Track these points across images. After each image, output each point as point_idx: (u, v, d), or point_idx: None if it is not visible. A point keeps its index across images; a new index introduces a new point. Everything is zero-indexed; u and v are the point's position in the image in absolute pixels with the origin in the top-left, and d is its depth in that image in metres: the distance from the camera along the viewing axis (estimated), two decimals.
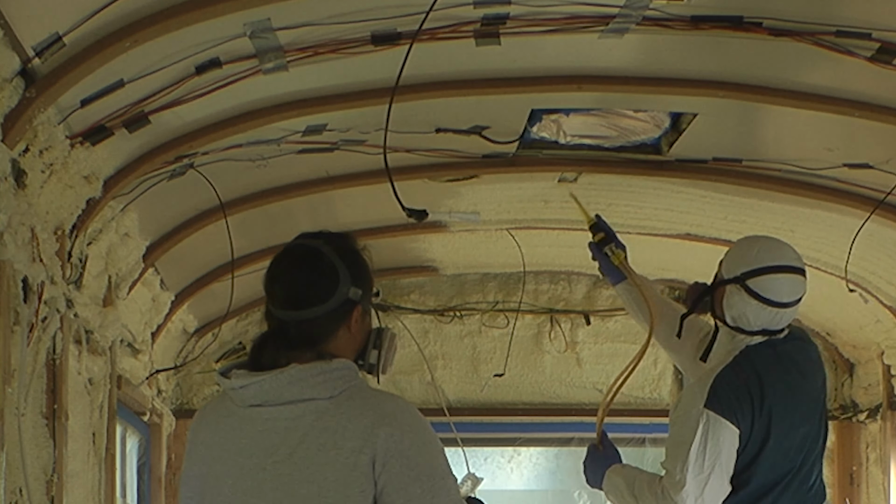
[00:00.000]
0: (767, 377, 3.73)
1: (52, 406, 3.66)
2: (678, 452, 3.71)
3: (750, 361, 3.75)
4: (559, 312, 6.53)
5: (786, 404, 3.73)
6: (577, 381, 6.53)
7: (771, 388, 3.71)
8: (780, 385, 3.74)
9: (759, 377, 3.72)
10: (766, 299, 3.71)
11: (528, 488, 7.05)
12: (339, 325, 2.74)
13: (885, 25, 3.38)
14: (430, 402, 6.43)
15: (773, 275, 3.71)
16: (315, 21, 3.32)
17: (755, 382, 3.71)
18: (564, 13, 3.40)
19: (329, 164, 4.54)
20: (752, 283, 3.72)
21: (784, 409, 3.72)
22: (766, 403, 3.69)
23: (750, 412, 3.68)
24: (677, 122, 4.36)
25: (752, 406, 3.68)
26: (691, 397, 3.75)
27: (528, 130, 4.40)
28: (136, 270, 4.57)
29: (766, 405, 3.69)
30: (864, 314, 5.79)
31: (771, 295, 3.71)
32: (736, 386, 3.70)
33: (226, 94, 3.59)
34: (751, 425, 3.68)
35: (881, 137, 4.10)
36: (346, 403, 2.65)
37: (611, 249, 4.19)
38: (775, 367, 3.76)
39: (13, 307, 3.26)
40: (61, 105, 3.27)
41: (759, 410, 3.68)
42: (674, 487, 3.71)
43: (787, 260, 3.76)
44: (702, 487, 3.69)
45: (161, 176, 4.11)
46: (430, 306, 6.52)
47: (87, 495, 4.16)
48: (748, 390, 3.69)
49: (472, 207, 5.17)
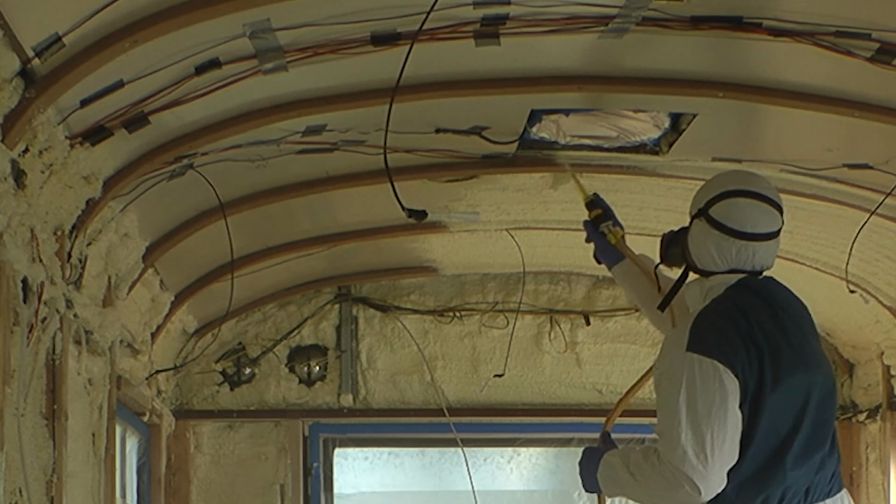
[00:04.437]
0: (753, 313, 3.31)
1: (52, 406, 3.66)
2: (667, 410, 3.28)
3: (730, 299, 3.35)
4: (559, 313, 6.52)
5: (780, 345, 3.30)
6: (577, 381, 6.53)
7: (759, 325, 3.29)
8: (770, 324, 3.32)
9: (744, 313, 3.30)
10: (727, 228, 3.36)
11: (528, 489, 7.05)
12: None
13: (885, 25, 3.38)
14: (430, 403, 6.44)
15: (734, 199, 3.38)
16: (315, 21, 3.32)
17: (741, 318, 3.30)
18: (564, 13, 3.40)
19: (329, 164, 4.54)
20: (713, 212, 3.40)
21: (780, 352, 3.29)
22: (758, 341, 3.27)
23: (744, 351, 3.25)
24: (677, 123, 4.36)
25: (744, 344, 3.26)
26: (671, 345, 3.36)
27: (527, 131, 4.40)
28: (136, 271, 4.57)
29: (758, 343, 3.27)
30: (864, 314, 5.79)
31: (732, 222, 3.36)
32: (720, 324, 3.29)
33: (225, 95, 3.59)
34: (746, 366, 3.25)
35: (881, 137, 4.10)
36: None
37: (608, 228, 3.91)
38: (760, 304, 3.34)
39: (13, 307, 3.26)
40: (61, 105, 3.27)
41: (752, 348, 3.26)
42: (671, 450, 3.24)
43: (753, 186, 3.40)
44: (703, 442, 3.21)
45: (161, 176, 4.11)
46: (430, 307, 6.51)
47: (87, 496, 4.16)
48: (735, 327, 3.28)
49: (471, 208, 5.17)
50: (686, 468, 3.23)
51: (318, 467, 6.35)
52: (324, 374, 6.41)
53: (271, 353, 6.35)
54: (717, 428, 3.21)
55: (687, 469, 3.23)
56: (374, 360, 6.45)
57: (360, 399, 6.43)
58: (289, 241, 5.41)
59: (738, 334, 3.27)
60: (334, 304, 6.44)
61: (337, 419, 6.40)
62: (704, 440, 3.21)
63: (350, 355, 6.41)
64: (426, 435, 6.62)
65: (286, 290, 6.22)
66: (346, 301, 6.44)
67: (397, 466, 7.10)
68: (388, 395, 6.45)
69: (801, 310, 3.50)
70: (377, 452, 6.96)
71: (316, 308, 6.42)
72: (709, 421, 3.20)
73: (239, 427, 6.31)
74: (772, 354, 3.28)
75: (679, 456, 3.23)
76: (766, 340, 3.29)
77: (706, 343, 3.25)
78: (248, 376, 6.32)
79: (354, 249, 5.73)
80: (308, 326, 6.40)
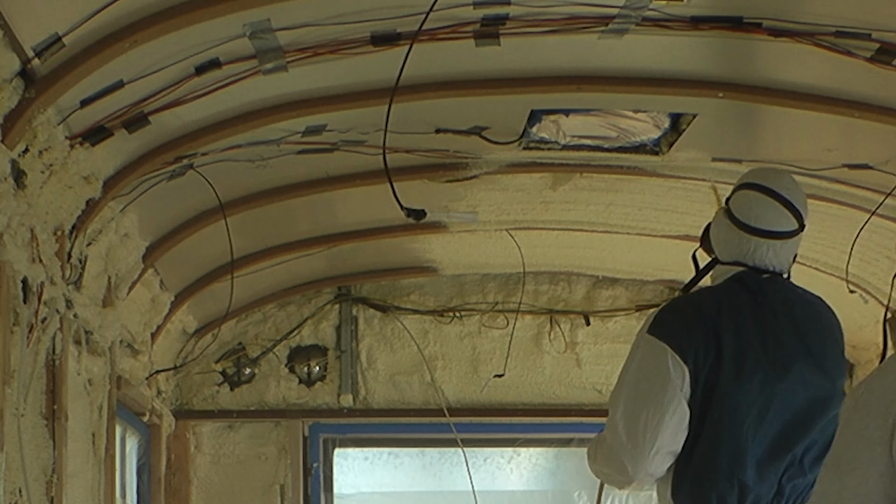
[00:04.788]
0: (731, 306, 3.25)
1: (52, 406, 3.66)
2: (616, 387, 3.27)
3: (714, 289, 3.33)
4: (559, 313, 6.52)
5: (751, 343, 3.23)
6: (577, 381, 6.53)
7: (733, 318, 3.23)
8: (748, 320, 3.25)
9: (717, 304, 3.26)
10: (734, 218, 3.36)
11: (528, 489, 7.04)
12: None
13: (885, 26, 3.38)
14: (429, 403, 6.43)
15: (747, 191, 3.37)
16: (315, 21, 3.32)
17: (710, 309, 3.24)
18: (564, 14, 3.40)
19: (329, 164, 4.54)
20: (731, 201, 3.41)
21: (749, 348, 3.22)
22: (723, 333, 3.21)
23: (700, 339, 3.19)
24: (677, 123, 4.36)
25: (704, 333, 3.20)
26: (640, 329, 3.32)
27: (527, 131, 4.40)
28: (136, 271, 4.57)
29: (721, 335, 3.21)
30: (864, 314, 5.78)
31: (740, 214, 3.36)
32: (684, 311, 3.27)
33: (225, 95, 3.59)
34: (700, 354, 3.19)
35: (881, 137, 4.10)
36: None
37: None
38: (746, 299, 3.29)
39: (13, 308, 3.26)
40: (61, 106, 3.27)
41: (712, 338, 3.20)
42: (608, 426, 3.22)
43: (771, 183, 3.37)
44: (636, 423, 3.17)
45: (161, 176, 4.11)
46: (430, 307, 6.51)
47: (87, 496, 4.16)
48: (699, 315, 3.23)
49: (471, 208, 5.17)
50: (616, 445, 3.22)
51: (318, 467, 6.35)
52: (324, 374, 6.41)
53: (271, 354, 6.35)
54: (652, 410, 3.17)
55: (617, 446, 3.22)
56: (374, 360, 6.45)
57: (360, 399, 6.43)
58: (289, 241, 5.41)
59: (701, 322, 3.22)
60: (334, 304, 6.44)
61: (337, 419, 6.40)
62: (638, 420, 3.18)
63: (350, 355, 6.41)
64: (426, 435, 6.62)
65: (286, 290, 6.22)
66: (346, 301, 6.44)
67: (397, 466, 7.09)
68: (388, 395, 6.45)
69: (808, 318, 3.41)
70: (377, 452, 6.95)
71: (316, 308, 6.41)
72: (646, 402, 3.17)
73: (239, 427, 6.31)
74: (736, 349, 3.22)
75: (612, 432, 3.22)
76: (735, 334, 3.23)
77: (663, 327, 3.23)
78: (248, 376, 6.32)
79: (354, 249, 5.73)
80: (308, 326, 6.40)
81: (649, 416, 3.17)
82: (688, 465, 3.24)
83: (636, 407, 3.19)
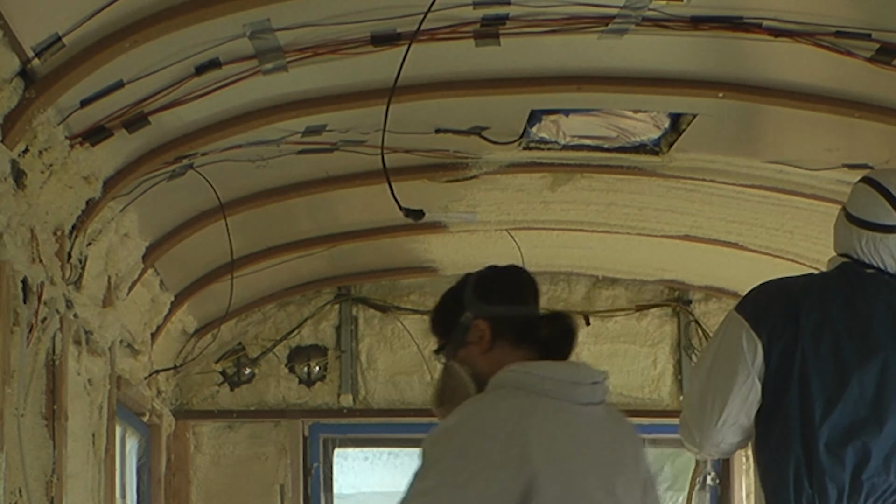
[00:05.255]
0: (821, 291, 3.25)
1: (52, 407, 3.65)
2: (698, 360, 3.36)
3: (808, 276, 3.37)
4: None
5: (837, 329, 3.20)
6: None
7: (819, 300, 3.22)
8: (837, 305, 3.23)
9: (808, 288, 3.26)
10: (848, 213, 3.35)
11: None
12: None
13: (885, 26, 3.38)
14: (429, 403, 6.43)
15: (860, 184, 3.34)
16: (315, 21, 3.32)
17: (798, 292, 3.24)
18: (564, 14, 3.40)
19: (329, 164, 4.54)
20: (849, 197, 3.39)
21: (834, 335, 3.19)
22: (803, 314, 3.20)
23: (779, 315, 3.20)
24: (677, 123, 4.36)
25: (785, 309, 3.21)
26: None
27: (527, 131, 4.40)
28: (136, 271, 4.57)
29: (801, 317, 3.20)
30: None
31: (852, 207, 3.34)
32: (769, 291, 3.28)
33: (225, 95, 3.59)
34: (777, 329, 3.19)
35: (881, 137, 4.10)
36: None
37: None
38: (840, 286, 3.27)
39: (13, 308, 3.26)
40: (61, 105, 3.27)
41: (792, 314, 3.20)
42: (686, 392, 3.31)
43: (882, 178, 3.32)
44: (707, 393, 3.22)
45: (161, 176, 4.11)
46: (430, 307, 6.48)
47: (87, 496, 4.15)
48: (785, 293, 3.24)
49: (471, 208, 5.17)
50: (688, 415, 3.30)
51: (317, 467, 6.35)
52: (324, 374, 6.41)
53: (271, 354, 6.35)
54: (722, 380, 3.21)
55: (688, 416, 3.30)
56: (374, 360, 6.45)
57: (360, 399, 6.43)
58: (289, 241, 5.41)
59: (782, 299, 3.23)
60: (334, 304, 6.44)
61: (337, 419, 6.40)
62: (708, 390, 3.23)
63: (350, 355, 6.41)
64: (426, 435, 6.61)
65: (286, 291, 6.21)
66: (346, 301, 6.44)
67: (397, 466, 7.10)
68: (388, 395, 6.45)
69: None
70: (377, 452, 6.95)
71: (316, 308, 6.41)
72: (718, 373, 3.22)
73: (239, 427, 6.31)
74: (817, 329, 3.20)
75: (686, 401, 3.31)
76: (818, 314, 3.21)
77: (747, 301, 3.28)
78: (248, 376, 6.32)
79: (354, 249, 5.73)
80: (308, 327, 6.40)
81: (718, 387, 3.22)
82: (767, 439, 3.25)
83: (709, 378, 3.24)
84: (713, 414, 3.24)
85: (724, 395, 3.22)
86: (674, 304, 6.56)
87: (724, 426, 3.26)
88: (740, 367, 3.21)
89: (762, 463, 3.28)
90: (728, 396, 3.22)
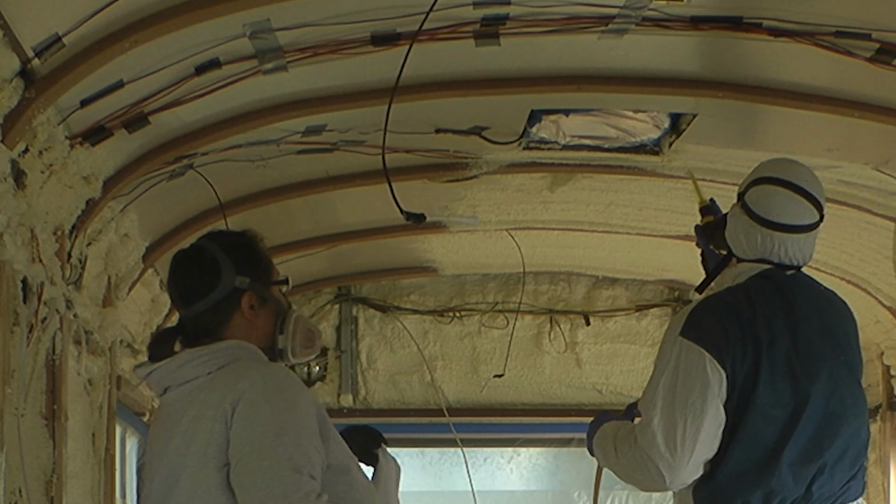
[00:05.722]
0: (763, 306, 3.16)
1: (52, 406, 3.65)
2: (649, 391, 3.16)
3: (743, 288, 3.22)
4: (559, 313, 6.53)
5: (784, 344, 3.15)
6: (577, 381, 6.53)
7: (766, 319, 3.14)
8: (780, 320, 3.17)
9: (752, 304, 3.17)
10: (755, 215, 3.24)
11: (528, 489, 7.04)
12: (230, 313, 2.96)
13: (885, 26, 3.38)
14: (429, 403, 6.44)
15: (765, 186, 3.25)
16: (315, 21, 3.32)
17: (746, 310, 3.15)
18: (564, 14, 3.40)
19: (329, 164, 4.54)
20: (747, 197, 3.27)
21: (781, 350, 3.14)
22: (759, 335, 3.12)
23: (738, 343, 3.11)
24: (677, 123, 4.36)
25: (741, 336, 3.11)
26: (671, 326, 3.23)
27: (527, 131, 4.40)
28: (136, 271, 4.57)
29: (758, 337, 3.12)
30: (864, 315, 5.78)
31: (760, 210, 3.24)
32: (720, 312, 3.15)
33: (225, 95, 3.59)
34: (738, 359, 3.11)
35: (881, 137, 4.10)
36: (218, 377, 2.84)
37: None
38: (776, 299, 3.19)
39: (13, 307, 3.26)
40: (61, 105, 3.27)
41: (749, 342, 3.12)
42: (642, 432, 3.13)
43: (790, 175, 3.26)
44: (674, 430, 3.08)
45: (161, 176, 4.11)
46: (430, 307, 6.52)
47: (87, 496, 4.15)
48: (736, 317, 3.14)
49: (471, 208, 5.17)
50: (653, 453, 3.14)
51: None
52: (324, 374, 6.41)
53: None
54: (690, 418, 3.09)
55: (654, 454, 3.14)
56: (374, 360, 6.45)
57: (360, 399, 6.43)
58: (289, 241, 5.41)
59: (738, 325, 3.14)
60: (334, 304, 6.44)
61: (337, 419, 6.36)
62: (676, 428, 3.10)
63: (350, 355, 6.41)
64: (426, 435, 6.62)
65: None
66: (346, 301, 6.44)
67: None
68: (388, 395, 6.45)
69: (833, 315, 3.32)
70: None
71: (316, 308, 6.42)
72: (684, 410, 3.09)
73: None
74: (771, 351, 3.15)
75: (649, 440, 3.13)
76: (770, 336, 3.15)
77: (699, 329, 3.14)
78: None
79: (354, 249, 5.73)
80: None
81: (688, 424, 3.10)
82: (715, 469, 3.18)
83: (673, 414, 3.11)
84: (685, 453, 3.13)
85: (694, 433, 3.11)
86: (674, 304, 6.57)
87: (693, 463, 3.15)
88: (709, 400, 3.11)
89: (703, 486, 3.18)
90: (699, 435, 3.11)
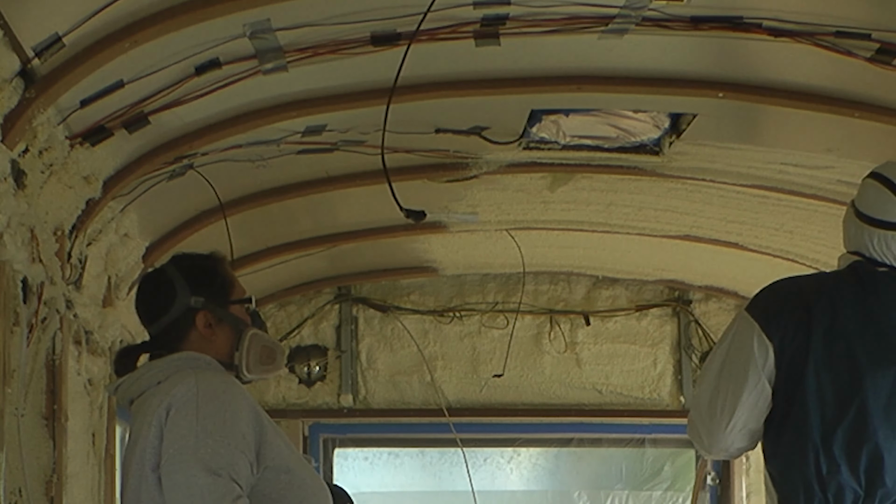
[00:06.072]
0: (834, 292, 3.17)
1: (52, 406, 3.65)
2: (708, 361, 3.28)
3: (819, 275, 3.29)
4: (559, 313, 6.52)
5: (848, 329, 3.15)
6: (577, 381, 6.53)
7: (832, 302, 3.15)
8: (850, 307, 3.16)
9: (820, 288, 3.19)
10: (857, 210, 3.26)
11: (528, 489, 7.04)
12: (186, 330, 3.13)
13: (885, 26, 3.38)
14: (429, 403, 6.44)
15: (870, 180, 3.27)
16: (315, 21, 3.32)
17: (811, 292, 3.18)
18: (564, 13, 3.40)
19: (329, 164, 4.54)
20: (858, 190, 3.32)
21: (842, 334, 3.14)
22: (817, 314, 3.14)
23: (789, 317, 3.14)
24: (677, 123, 4.36)
25: (795, 311, 3.15)
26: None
27: (527, 131, 4.40)
28: (136, 271, 4.57)
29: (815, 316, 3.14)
30: None
31: (859, 203, 3.26)
32: (781, 291, 3.23)
33: (225, 95, 3.59)
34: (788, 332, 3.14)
35: (881, 137, 4.10)
36: (164, 385, 2.96)
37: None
38: (853, 288, 3.19)
39: (13, 308, 3.26)
40: (61, 105, 3.27)
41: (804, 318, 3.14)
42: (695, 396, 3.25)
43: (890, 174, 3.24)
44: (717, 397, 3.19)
45: (161, 176, 4.11)
46: (430, 307, 6.52)
47: (87, 496, 4.15)
48: (796, 294, 3.18)
49: (471, 208, 5.17)
50: (696, 417, 3.28)
51: (317, 467, 6.34)
52: (324, 374, 6.41)
53: None
54: (731, 387, 3.18)
55: (696, 418, 3.28)
56: (374, 360, 6.45)
57: (360, 399, 6.43)
58: (289, 241, 5.41)
59: (794, 302, 3.17)
60: (334, 304, 6.44)
61: (337, 419, 6.40)
62: (717, 396, 3.21)
63: (350, 355, 6.41)
64: (426, 435, 6.62)
65: (286, 291, 6.22)
66: (346, 301, 6.44)
67: (397, 466, 7.09)
68: (388, 395, 6.45)
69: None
70: (377, 452, 6.95)
71: (316, 308, 6.42)
72: (727, 379, 3.19)
73: None
74: (829, 332, 3.14)
75: (695, 403, 3.28)
76: (830, 318, 3.15)
77: (757, 302, 3.23)
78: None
79: (354, 249, 5.73)
80: (308, 326, 6.40)
81: (728, 391, 3.19)
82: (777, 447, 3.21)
83: (718, 382, 3.21)
84: (722, 419, 3.22)
85: (733, 400, 3.19)
86: (674, 304, 6.57)
87: (733, 431, 3.23)
88: (751, 371, 3.18)
89: (774, 471, 3.23)
90: (738, 402, 3.19)
